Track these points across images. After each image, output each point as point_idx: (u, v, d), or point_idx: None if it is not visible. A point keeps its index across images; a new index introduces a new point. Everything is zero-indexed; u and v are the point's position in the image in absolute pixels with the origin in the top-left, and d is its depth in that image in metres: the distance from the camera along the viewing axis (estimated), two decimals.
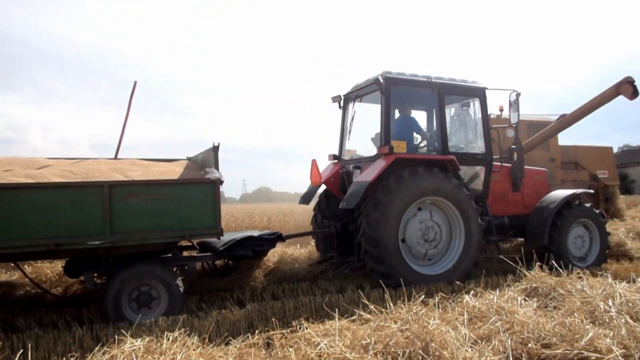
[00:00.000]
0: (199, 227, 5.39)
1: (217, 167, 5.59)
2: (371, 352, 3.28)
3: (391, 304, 4.09)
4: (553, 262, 5.49)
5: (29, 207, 4.70)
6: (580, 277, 4.87)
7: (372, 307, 4.07)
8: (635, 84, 11.02)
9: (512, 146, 8.18)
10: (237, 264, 7.38)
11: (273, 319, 4.39)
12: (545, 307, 4.34)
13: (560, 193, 7.99)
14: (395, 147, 6.66)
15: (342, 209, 6.80)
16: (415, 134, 7.57)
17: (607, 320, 3.82)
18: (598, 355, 3.17)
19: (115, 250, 5.25)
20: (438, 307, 4.19)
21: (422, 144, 7.62)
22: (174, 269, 5.77)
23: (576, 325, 3.55)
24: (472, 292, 4.70)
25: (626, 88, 11.07)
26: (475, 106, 7.71)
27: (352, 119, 7.93)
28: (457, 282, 5.89)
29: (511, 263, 5.54)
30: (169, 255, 5.79)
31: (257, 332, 4.01)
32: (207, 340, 3.84)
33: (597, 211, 8.03)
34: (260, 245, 6.50)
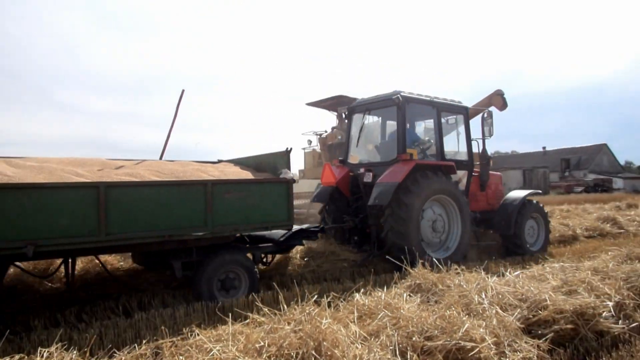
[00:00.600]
0: (277, 220, 6.38)
1: (289, 169, 6.61)
2: (265, 355, 3.27)
3: (285, 306, 4.11)
4: (434, 259, 5.93)
5: (148, 202, 5.40)
6: (457, 273, 5.22)
7: (266, 309, 4.06)
8: (505, 96, 12.23)
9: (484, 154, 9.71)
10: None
11: (162, 327, 4.20)
12: (428, 302, 4.59)
13: (519, 193, 9.87)
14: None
15: (370, 204, 7.79)
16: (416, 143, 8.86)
17: (480, 311, 4.17)
18: (473, 344, 3.45)
19: (204, 241, 5.90)
20: (330, 306, 4.29)
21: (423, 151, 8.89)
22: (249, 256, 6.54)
23: (454, 318, 3.83)
24: (362, 290, 4.87)
25: (497, 100, 12.24)
26: (459, 121, 9.25)
27: (361, 129, 9.23)
28: (349, 284, 6.09)
29: (396, 262, 5.85)
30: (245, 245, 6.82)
31: (144, 342, 3.81)
32: (87, 354, 3.57)
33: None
34: (308, 236, 7.31)
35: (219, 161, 7.83)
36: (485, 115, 9.45)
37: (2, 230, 4.49)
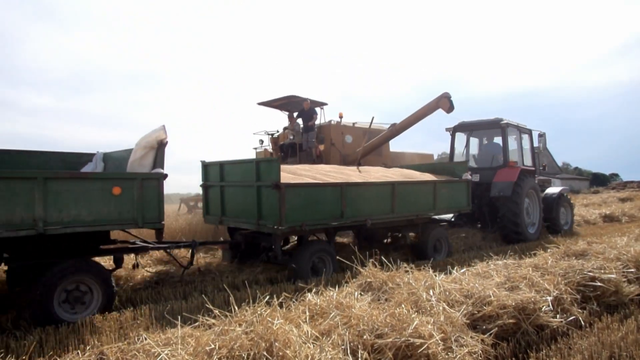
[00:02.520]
0: (460, 206, 9.94)
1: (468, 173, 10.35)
2: (215, 357, 3.22)
3: (236, 307, 4.06)
4: (383, 258, 6.03)
5: (408, 194, 8.62)
6: (407, 271, 5.31)
7: (217, 311, 3.99)
8: (452, 99, 12.60)
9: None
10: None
11: (108, 332, 4.06)
12: (378, 300, 4.64)
13: (555, 189, 13.51)
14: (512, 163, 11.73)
15: (494, 196, 11.30)
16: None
17: (428, 308, 4.27)
18: (422, 340, 3.53)
19: (426, 219, 9.45)
20: (282, 306, 4.27)
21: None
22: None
23: (404, 315, 3.90)
24: (313, 290, 4.88)
25: (444, 102, 12.59)
26: (525, 139, 12.78)
27: (467, 144, 13.07)
28: (301, 285, 6.09)
29: (346, 262, 5.90)
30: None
31: (88, 347, 3.67)
32: None
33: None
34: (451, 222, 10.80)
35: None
36: (539, 135, 12.98)
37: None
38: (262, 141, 15.48)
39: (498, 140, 12.46)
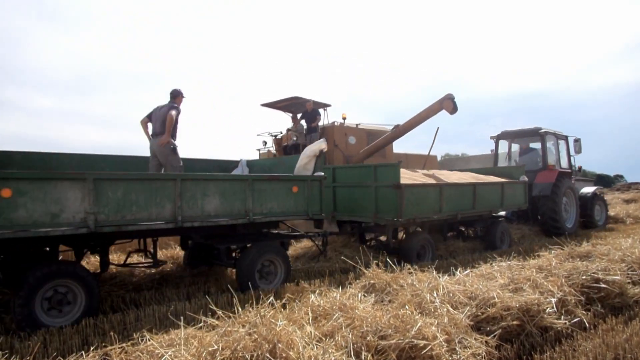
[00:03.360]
0: (518, 203, 11.70)
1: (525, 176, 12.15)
2: (218, 358, 3.22)
3: (239, 308, 4.06)
4: (387, 259, 6.03)
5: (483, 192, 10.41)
6: (410, 273, 5.32)
7: (220, 312, 3.99)
8: (455, 100, 12.58)
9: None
10: None
11: (111, 333, 4.07)
12: (382, 302, 4.64)
13: (590, 188, 15.15)
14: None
15: (535, 195, 12.72)
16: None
17: (432, 310, 4.26)
18: (425, 342, 3.52)
19: (494, 212, 10.95)
20: (285, 308, 4.27)
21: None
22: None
23: (407, 317, 3.90)
24: (317, 291, 4.87)
25: (448, 104, 12.56)
26: (562, 144, 14.35)
27: (509, 151, 14.78)
28: (304, 285, 6.09)
29: (351, 262, 5.89)
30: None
31: (92, 348, 3.68)
32: None
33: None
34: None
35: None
36: (575, 140, 14.25)
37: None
38: (265, 142, 15.48)
39: (537, 146, 14.04)
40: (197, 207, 5.96)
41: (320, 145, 7.66)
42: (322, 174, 7.49)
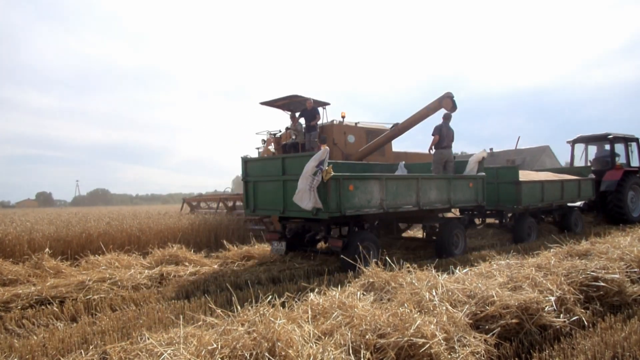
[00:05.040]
0: (589, 196, 14.24)
1: (593, 174, 14.92)
2: (218, 357, 3.22)
3: (238, 307, 4.06)
4: (386, 258, 6.04)
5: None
6: (409, 271, 5.32)
7: (219, 311, 4.00)
8: (454, 99, 12.58)
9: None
10: None
11: (111, 332, 4.07)
12: (381, 300, 4.64)
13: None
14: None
15: (601, 190, 15.22)
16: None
17: (431, 308, 4.26)
18: (424, 340, 3.52)
19: (569, 202, 13.67)
20: (284, 306, 4.27)
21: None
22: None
23: (406, 315, 3.89)
24: (316, 290, 4.87)
25: (447, 102, 12.57)
26: (633, 145, 16.64)
27: (585, 152, 17.27)
28: (304, 284, 6.11)
29: (350, 261, 5.89)
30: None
31: (91, 347, 3.68)
32: None
33: None
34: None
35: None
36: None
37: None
38: (264, 141, 15.49)
39: (608, 148, 16.58)
40: (427, 197, 9.04)
41: (482, 154, 10.83)
42: (483, 174, 10.60)
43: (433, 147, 11.05)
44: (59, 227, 10.47)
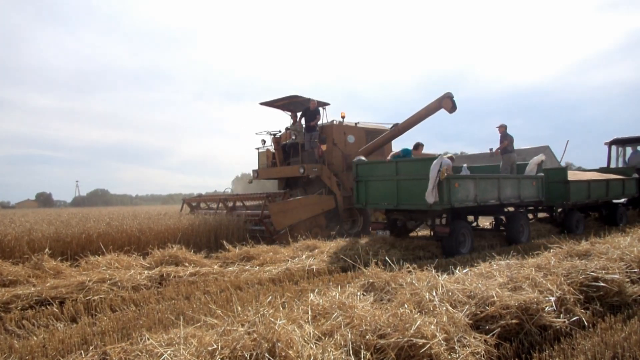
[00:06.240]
0: (632, 193, 15.86)
1: (637, 173, 16.69)
2: (218, 358, 3.22)
3: (238, 307, 4.06)
4: (387, 258, 6.04)
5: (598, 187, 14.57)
6: (409, 272, 5.31)
7: (220, 311, 4.00)
8: (454, 99, 12.58)
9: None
10: None
11: (111, 333, 4.07)
12: (381, 301, 4.64)
13: None
14: None
15: None
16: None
17: (431, 308, 4.26)
18: (424, 340, 3.52)
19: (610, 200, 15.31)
20: (284, 307, 4.27)
21: None
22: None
23: (406, 315, 3.89)
24: (316, 290, 4.87)
25: (447, 103, 12.58)
26: None
27: (624, 153, 18.50)
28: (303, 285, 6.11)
29: (350, 261, 5.90)
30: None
31: (91, 348, 3.68)
32: None
33: None
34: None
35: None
36: None
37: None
38: (264, 141, 15.49)
39: None
40: (505, 193, 10.85)
41: (540, 157, 12.83)
42: (542, 174, 12.43)
43: (499, 151, 13.44)
44: (59, 228, 10.46)
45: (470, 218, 12.61)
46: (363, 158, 11.85)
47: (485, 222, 14.28)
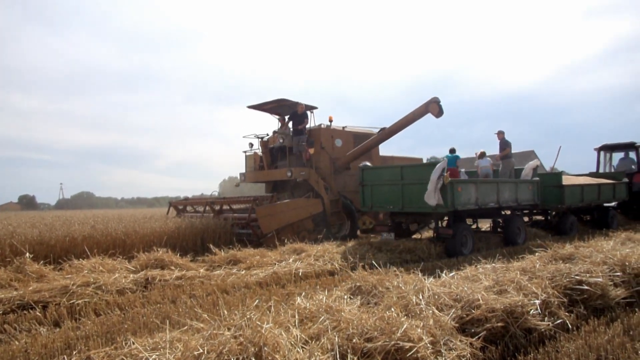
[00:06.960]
0: (622, 197, 16.42)
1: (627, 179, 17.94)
2: None
3: (225, 311, 4.03)
4: (373, 262, 6.05)
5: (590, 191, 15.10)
6: (396, 275, 5.33)
7: (206, 315, 3.96)
8: (441, 104, 12.67)
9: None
10: None
11: (95, 337, 4.02)
12: (368, 304, 4.65)
13: None
14: None
15: (634, 190, 17.08)
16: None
17: (418, 312, 4.28)
18: (411, 344, 3.54)
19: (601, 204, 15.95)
20: (271, 310, 4.25)
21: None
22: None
23: (393, 319, 3.90)
24: (303, 293, 4.86)
25: (433, 107, 12.66)
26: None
27: (610, 159, 19.14)
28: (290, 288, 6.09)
29: (337, 264, 5.89)
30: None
31: (74, 352, 3.63)
32: None
33: None
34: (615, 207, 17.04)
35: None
36: None
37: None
38: (251, 144, 15.46)
39: (633, 155, 18.42)
40: (503, 197, 11.45)
41: (535, 162, 13.76)
42: (538, 179, 13.08)
43: (499, 157, 13.94)
44: (42, 231, 10.31)
45: (469, 221, 12.88)
46: (369, 164, 12.29)
47: (485, 224, 14.55)
